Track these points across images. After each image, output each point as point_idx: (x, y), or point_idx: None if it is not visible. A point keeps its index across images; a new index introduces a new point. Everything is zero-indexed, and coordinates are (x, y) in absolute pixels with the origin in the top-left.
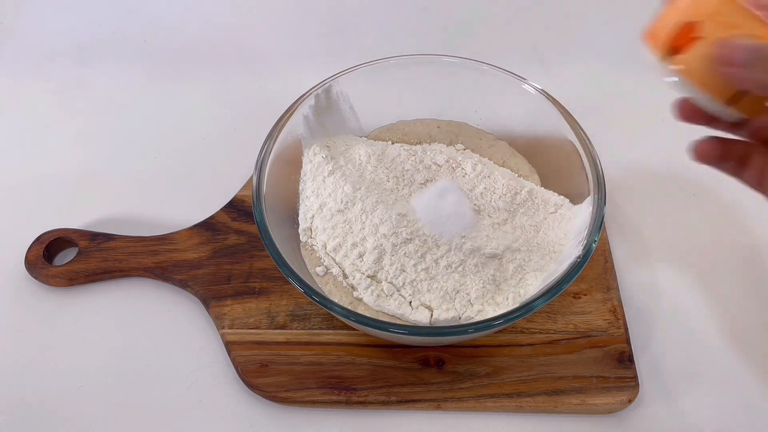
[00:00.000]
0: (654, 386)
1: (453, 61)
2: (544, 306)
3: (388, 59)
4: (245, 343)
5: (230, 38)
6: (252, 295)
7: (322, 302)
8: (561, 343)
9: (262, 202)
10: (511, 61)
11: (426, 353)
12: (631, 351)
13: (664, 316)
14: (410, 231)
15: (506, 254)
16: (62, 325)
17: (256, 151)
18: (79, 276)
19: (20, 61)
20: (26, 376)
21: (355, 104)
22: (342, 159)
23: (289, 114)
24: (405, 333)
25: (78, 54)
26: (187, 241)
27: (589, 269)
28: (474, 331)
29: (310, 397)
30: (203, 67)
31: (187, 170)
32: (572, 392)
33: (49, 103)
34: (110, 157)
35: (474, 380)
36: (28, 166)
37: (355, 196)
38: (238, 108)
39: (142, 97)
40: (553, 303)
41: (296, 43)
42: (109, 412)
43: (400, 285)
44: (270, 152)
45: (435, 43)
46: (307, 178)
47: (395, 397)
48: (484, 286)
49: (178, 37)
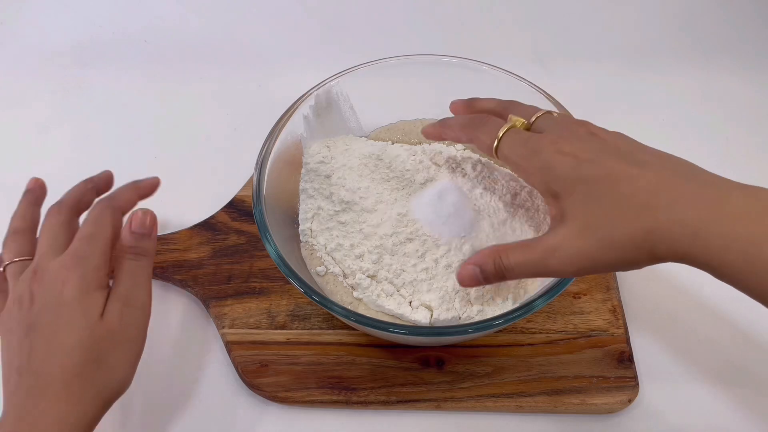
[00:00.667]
0: (654, 386)
1: (453, 61)
2: (544, 306)
3: (388, 59)
4: (245, 343)
5: (230, 38)
6: (252, 295)
7: (322, 302)
8: (561, 343)
9: (262, 202)
10: (511, 61)
11: (426, 353)
12: (631, 351)
13: (664, 316)
14: (410, 231)
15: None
16: None
17: (256, 151)
18: None
19: (20, 61)
20: None
21: (355, 104)
22: (342, 159)
23: (289, 114)
24: (405, 333)
25: (78, 54)
26: (187, 241)
27: None
28: (474, 331)
29: (310, 397)
30: (203, 68)
31: (187, 170)
32: (572, 392)
33: (49, 103)
34: (110, 157)
35: (474, 380)
36: (28, 166)
37: (355, 196)
38: (238, 108)
39: (142, 97)
40: (553, 303)
41: (296, 43)
42: (109, 412)
43: (400, 285)
44: (270, 152)
45: (435, 43)
46: (307, 177)
47: (395, 397)
48: (484, 286)
49: (179, 37)
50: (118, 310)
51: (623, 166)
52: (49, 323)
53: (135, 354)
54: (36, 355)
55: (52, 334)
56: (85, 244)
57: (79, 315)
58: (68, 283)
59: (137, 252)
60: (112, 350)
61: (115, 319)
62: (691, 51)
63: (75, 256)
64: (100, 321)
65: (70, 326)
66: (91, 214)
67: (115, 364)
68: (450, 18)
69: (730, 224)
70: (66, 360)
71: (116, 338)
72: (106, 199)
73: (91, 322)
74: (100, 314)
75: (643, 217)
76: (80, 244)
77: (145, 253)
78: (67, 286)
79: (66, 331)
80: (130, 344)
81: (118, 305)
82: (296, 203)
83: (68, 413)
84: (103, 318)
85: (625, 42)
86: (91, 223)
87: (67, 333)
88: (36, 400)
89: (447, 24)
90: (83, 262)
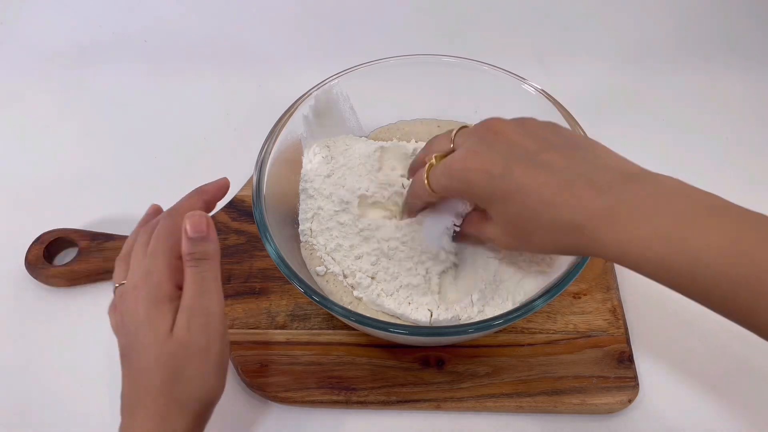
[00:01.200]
0: (654, 386)
1: (453, 61)
2: (544, 306)
3: (388, 59)
4: (245, 343)
5: (230, 38)
6: (252, 295)
7: (322, 302)
8: (561, 343)
9: (262, 202)
10: (511, 61)
11: (426, 353)
12: (631, 351)
13: (664, 316)
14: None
15: (506, 255)
16: (62, 325)
17: (256, 151)
18: (79, 276)
19: (20, 61)
20: (26, 376)
21: (355, 104)
22: (342, 159)
23: (289, 114)
24: (405, 333)
25: (78, 54)
26: None
27: (589, 269)
28: (474, 331)
29: (310, 397)
30: (203, 67)
31: (187, 170)
32: (572, 392)
33: (49, 103)
34: (110, 157)
35: (474, 380)
36: (28, 166)
37: (354, 197)
38: (238, 108)
39: (142, 97)
40: (553, 303)
41: (296, 43)
42: (109, 412)
43: (398, 287)
44: (270, 152)
45: (435, 43)
46: (307, 178)
47: (395, 397)
48: (484, 286)
49: (179, 37)
50: (185, 320)
51: (531, 175)
52: (130, 344)
53: (213, 363)
54: (126, 379)
55: (135, 354)
56: (149, 261)
57: (151, 332)
58: (138, 302)
59: (196, 257)
60: (187, 363)
61: (183, 331)
62: (691, 51)
63: (142, 274)
64: (170, 335)
65: (145, 345)
66: (155, 229)
67: (193, 375)
68: (450, 18)
69: (621, 228)
70: (146, 380)
71: (188, 350)
72: (167, 210)
73: (161, 338)
74: (168, 328)
75: (550, 229)
76: (146, 261)
77: (206, 256)
78: (138, 305)
79: (143, 350)
80: (203, 354)
81: (184, 316)
82: (296, 203)
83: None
84: (173, 331)
85: (625, 42)
86: (154, 239)
87: (144, 352)
88: (130, 421)
89: (447, 24)
90: (148, 279)
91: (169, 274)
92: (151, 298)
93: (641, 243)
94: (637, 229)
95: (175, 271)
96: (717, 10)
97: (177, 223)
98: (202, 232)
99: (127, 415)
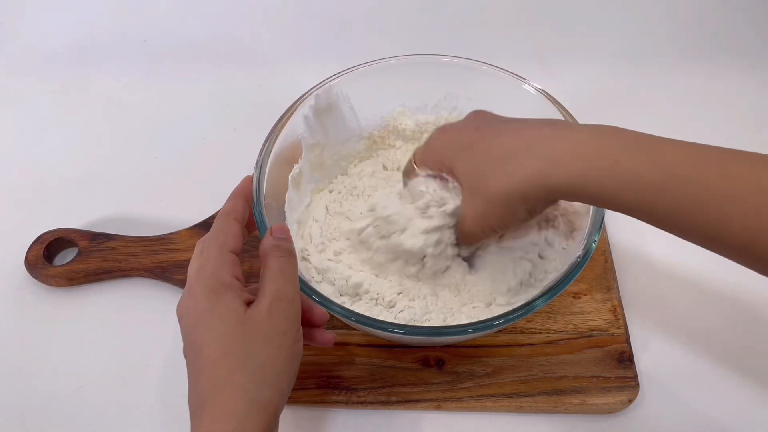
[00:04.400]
0: (654, 386)
1: (453, 61)
2: (544, 306)
3: (388, 59)
4: None
5: (230, 38)
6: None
7: (322, 302)
8: (561, 343)
9: (262, 202)
10: (511, 61)
11: (426, 353)
12: (631, 351)
13: (664, 316)
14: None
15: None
16: (62, 325)
17: (256, 151)
18: (79, 276)
19: (20, 61)
20: (26, 376)
21: (355, 104)
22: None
23: (289, 114)
24: (405, 333)
25: (78, 54)
26: (187, 241)
27: (589, 269)
28: (474, 331)
29: (310, 397)
30: (203, 67)
31: (187, 170)
32: (572, 392)
33: (49, 103)
34: (110, 157)
35: (474, 380)
36: (28, 166)
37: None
38: (238, 108)
39: (142, 97)
40: (553, 303)
41: (296, 43)
42: (109, 412)
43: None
44: (270, 152)
45: (435, 43)
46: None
47: (395, 397)
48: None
49: (178, 37)
50: (266, 305)
51: (494, 129)
52: (192, 341)
53: (287, 349)
54: (190, 375)
55: (197, 349)
56: (201, 258)
57: (215, 320)
58: (194, 296)
59: (282, 249)
60: (262, 346)
61: (263, 315)
62: (691, 51)
63: (194, 272)
64: (240, 322)
65: (208, 337)
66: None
67: (266, 360)
68: (450, 18)
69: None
70: (211, 372)
71: (265, 333)
72: (215, 216)
73: (230, 324)
74: (237, 316)
75: (508, 170)
76: (197, 260)
77: (290, 252)
78: (195, 300)
79: (205, 343)
80: (281, 337)
81: (266, 301)
82: None
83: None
84: (246, 317)
85: (625, 42)
86: (201, 242)
87: (207, 345)
88: (196, 421)
89: (447, 24)
90: (201, 272)
91: (222, 263)
92: (208, 288)
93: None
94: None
95: (229, 264)
96: (717, 10)
97: (225, 223)
98: (285, 234)
99: (193, 418)
